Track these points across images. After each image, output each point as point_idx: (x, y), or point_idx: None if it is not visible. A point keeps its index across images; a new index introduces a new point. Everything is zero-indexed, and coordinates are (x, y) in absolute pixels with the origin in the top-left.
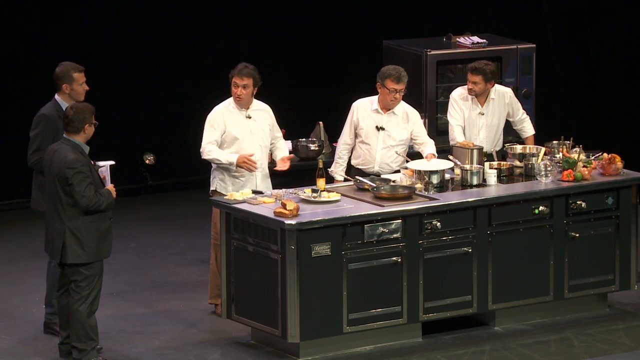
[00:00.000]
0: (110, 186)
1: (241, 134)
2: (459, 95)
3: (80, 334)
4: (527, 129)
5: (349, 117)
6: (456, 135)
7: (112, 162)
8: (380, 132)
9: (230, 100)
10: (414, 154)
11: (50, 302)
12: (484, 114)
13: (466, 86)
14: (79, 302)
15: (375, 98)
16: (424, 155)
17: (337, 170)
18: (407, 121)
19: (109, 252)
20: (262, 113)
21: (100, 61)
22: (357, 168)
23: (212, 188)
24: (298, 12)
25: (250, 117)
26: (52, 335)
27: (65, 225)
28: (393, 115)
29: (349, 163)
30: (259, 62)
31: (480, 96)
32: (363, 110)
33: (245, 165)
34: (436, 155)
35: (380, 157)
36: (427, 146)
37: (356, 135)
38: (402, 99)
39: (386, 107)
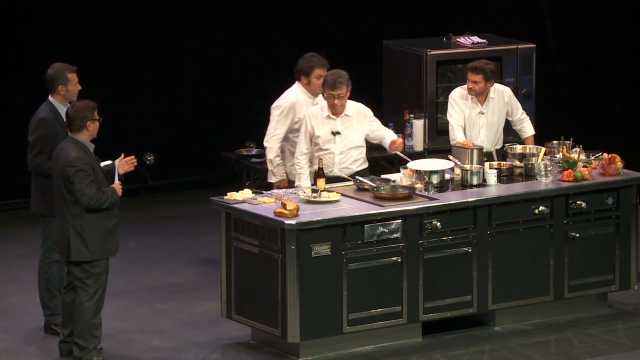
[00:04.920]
0: (116, 184)
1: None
2: (458, 96)
3: (84, 331)
4: (527, 129)
5: (303, 127)
6: (457, 136)
7: (111, 162)
8: (337, 136)
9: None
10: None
11: (46, 304)
12: (484, 113)
13: (465, 86)
14: (85, 299)
15: (326, 105)
16: (387, 145)
17: (302, 182)
18: (362, 120)
19: (115, 250)
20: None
21: (99, 61)
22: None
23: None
24: (298, 12)
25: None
26: (52, 335)
27: (69, 223)
28: (346, 118)
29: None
30: (258, 62)
31: (480, 95)
32: (316, 119)
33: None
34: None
35: (339, 160)
36: (389, 136)
37: (314, 144)
38: (352, 99)
39: (334, 112)
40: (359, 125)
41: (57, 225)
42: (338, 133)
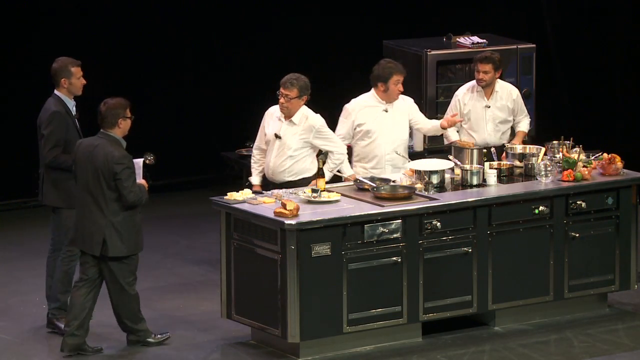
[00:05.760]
0: (142, 181)
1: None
2: (463, 93)
3: (133, 317)
4: (522, 125)
5: (262, 122)
6: (450, 134)
7: (143, 159)
8: (277, 140)
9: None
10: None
11: (56, 297)
12: (489, 107)
13: (470, 83)
14: (127, 287)
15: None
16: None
17: (252, 178)
18: (307, 132)
19: (142, 244)
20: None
21: (99, 61)
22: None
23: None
24: (297, 12)
25: (387, 111)
26: (54, 333)
27: (107, 219)
28: (291, 124)
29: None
30: (259, 62)
31: (487, 87)
32: (270, 118)
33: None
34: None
35: (273, 165)
36: (330, 158)
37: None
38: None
39: (283, 114)
40: (301, 136)
41: (85, 220)
42: (279, 137)
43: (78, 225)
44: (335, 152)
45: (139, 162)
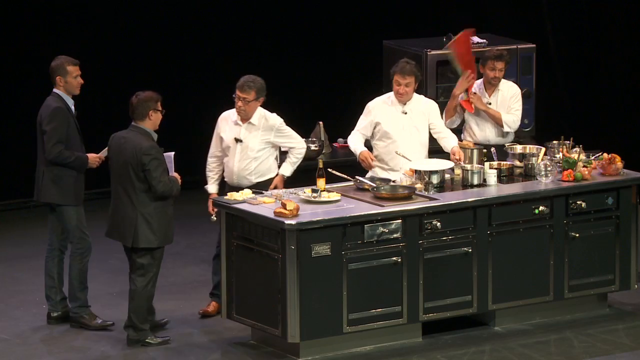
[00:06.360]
0: (175, 174)
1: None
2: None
3: (139, 313)
4: (504, 115)
5: (215, 129)
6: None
7: (174, 153)
8: (238, 144)
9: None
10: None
11: (76, 295)
12: (491, 104)
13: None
14: (143, 284)
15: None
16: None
17: (208, 185)
18: (268, 132)
19: (172, 237)
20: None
21: (99, 61)
22: (227, 182)
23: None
24: (298, 12)
25: (406, 113)
26: (81, 328)
27: (137, 210)
28: (250, 126)
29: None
30: (259, 62)
31: (489, 87)
32: (225, 123)
33: (364, 162)
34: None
35: (237, 169)
36: (292, 154)
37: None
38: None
39: (240, 117)
40: (262, 137)
41: (118, 212)
42: (240, 141)
43: (111, 217)
44: (297, 148)
45: (170, 155)
